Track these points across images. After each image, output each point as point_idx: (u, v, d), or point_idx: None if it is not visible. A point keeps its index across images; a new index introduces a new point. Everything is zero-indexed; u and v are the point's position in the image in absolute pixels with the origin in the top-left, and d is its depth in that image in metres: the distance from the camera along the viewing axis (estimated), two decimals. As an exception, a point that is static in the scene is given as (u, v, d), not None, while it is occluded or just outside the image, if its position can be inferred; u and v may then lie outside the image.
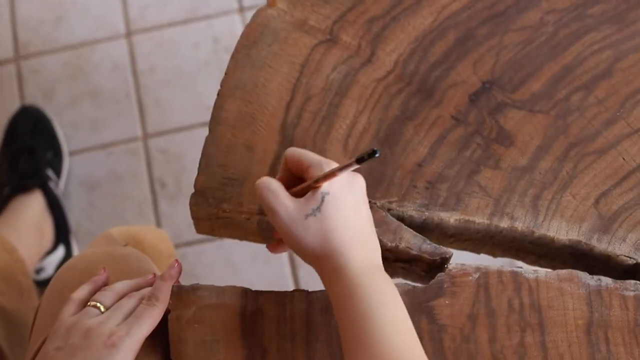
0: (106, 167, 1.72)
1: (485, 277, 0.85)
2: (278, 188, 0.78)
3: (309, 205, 0.76)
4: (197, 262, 1.62)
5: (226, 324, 0.84)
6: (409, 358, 0.72)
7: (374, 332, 0.72)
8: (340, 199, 0.76)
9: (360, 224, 0.78)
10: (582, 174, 0.91)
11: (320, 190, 0.76)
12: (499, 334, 0.83)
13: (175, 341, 0.84)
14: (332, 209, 0.75)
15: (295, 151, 0.80)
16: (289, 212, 0.76)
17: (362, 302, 0.73)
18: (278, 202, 0.77)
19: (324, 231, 0.75)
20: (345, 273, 0.75)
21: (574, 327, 0.84)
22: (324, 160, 0.78)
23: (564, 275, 0.86)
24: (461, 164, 0.91)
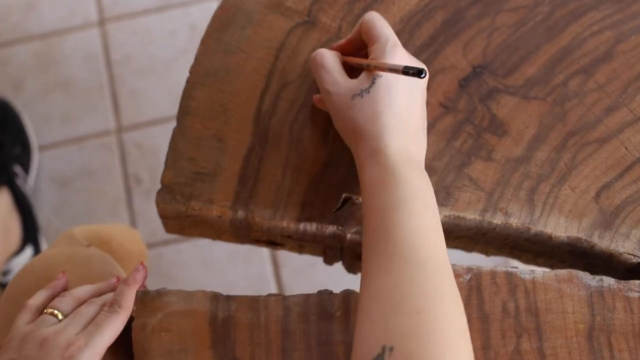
0: (78, 162, 1.66)
1: (478, 279, 0.79)
2: (332, 62, 0.78)
3: (360, 85, 0.75)
4: (174, 261, 1.55)
5: (195, 332, 0.78)
6: (429, 257, 0.68)
7: (398, 222, 0.69)
8: (393, 85, 0.74)
9: (410, 115, 0.75)
10: (581, 165, 0.84)
11: (373, 73, 0.74)
12: (493, 340, 0.77)
13: (139, 351, 0.78)
14: (382, 93, 0.74)
15: (373, 18, 0.79)
16: (338, 89, 0.76)
17: (391, 189, 0.70)
18: (329, 78, 0.77)
19: (369, 113, 0.74)
20: (379, 158, 0.72)
21: (574, 332, 0.77)
22: (391, 41, 0.76)
23: (563, 275, 0.79)
24: (450, 155, 0.85)
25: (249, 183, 0.84)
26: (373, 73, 0.74)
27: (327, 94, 0.76)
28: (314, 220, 0.82)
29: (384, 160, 0.72)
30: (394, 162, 0.71)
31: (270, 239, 0.87)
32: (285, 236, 0.85)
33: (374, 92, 0.74)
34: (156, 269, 1.53)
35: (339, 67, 0.78)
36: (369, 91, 0.74)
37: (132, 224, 1.59)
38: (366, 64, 0.75)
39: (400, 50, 0.76)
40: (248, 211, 0.83)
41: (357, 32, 0.80)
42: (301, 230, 0.83)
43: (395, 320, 0.64)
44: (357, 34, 0.80)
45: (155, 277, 1.51)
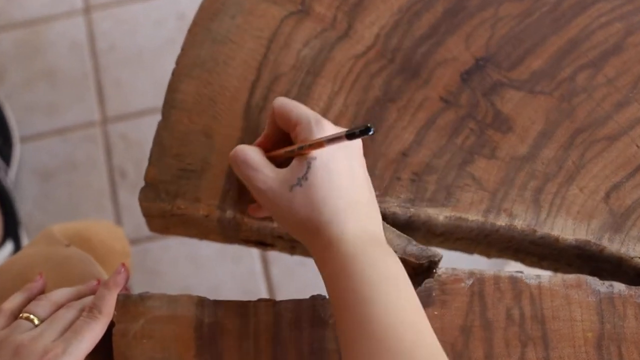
0: (62, 154, 1.61)
1: (480, 284, 0.74)
2: (256, 158, 0.70)
3: (294, 174, 0.68)
4: (160, 258, 1.51)
5: (179, 339, 0.73)
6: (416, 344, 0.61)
7: (374, 316, 0.61)
8: (331, 163, 0.67)
9: (356, 190, 0.68)
10: (590, 164, 0.80)
11: (307, 157, 0.67)
12: (497, 349, 0.73)
13: (120, 359, 0.73)
14: (321, 176, 0.67)
15: (283, 103, 0.71)
16: (271, 185, 0.69)
17: (359, 279, 0.63)
18: (257, 175, 0.69)
19: (313, 201, 0.67)
20: (338, 247, 0.65)
21: (582, 341, 0.73)
22: (313, 118, 0.69)
23: (570, 280, 0.75)
24: (452, 152, 0.80)
25: (238, 181, 0.79)
26: (306, 157, 0.67)
27: (261, 193, 0.69)
28: (307, 221, 0.77)
29: (345, 248, 0.65)
30: (355, 247, 0.65)
31: (260, 239, 0.82)
32: (276, 236, 0.81)
33: (313, 176, 0.67)
34: (142, 265, 1.49)
35: (265, 161, 0.70)
36: (307, 177, 0.67)
37: (117, 218, 1.55)
38: (298, 148, 0.68)
39: (327, 124, 0.69)
40: (237, 210, 0.78)
41: (272, 124, 0.73)
42: (293, 231, 0.78)
43: None
44: (273, 126, 0.73)
45: (141, 274, 1.47)
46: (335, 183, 0.67)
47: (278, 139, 0.73)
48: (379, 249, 0.66)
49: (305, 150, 0.67)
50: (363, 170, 0.70)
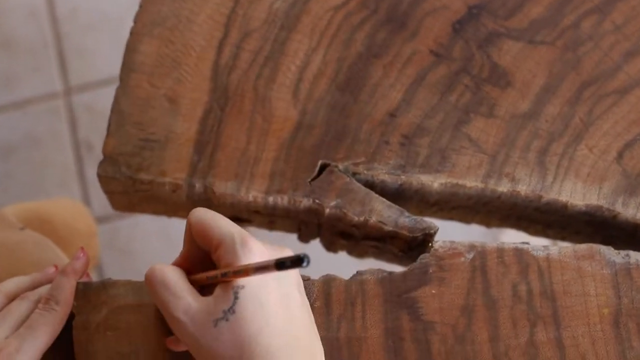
0: (22, 129, 1.55)
1: (482, 258, 0.67)
2: (177, 281, 0.58)
3: (219, 305, 0.56)
4: (132, 236, 1.44)
5: (148, 330, 0.66)
6: None
7: None
8: (262, 292, 0.57)
9: (294, 323, 0.58)
10: (599, 121, 0.73)
11: (232, 285, 0.56)
12: (503, 330, 0.66)
13: (82, 354, 0.66)
14: (251, 308, 0.56)
15: (201, 218, 0.60)
16: (193, 315, 0.57)
17: None
18: (178, 303, 0.58)
19: (242, 339, 0.56)
20: None
21: (597, 318, 0.66)
22: (238, 238, 0.57)
23: (582, 251, 0.68)
24: (445, 112, 0.73)
25: (207, 150, 0.71)
26: (231, 285, 0.57)
27: (180, 324, 0.57)
28: (286, 193, 0.70)
29: None
30: None
31: (234, 215, 0.75)
32: (253, 211, 0.73)
33: (241, 309, 0.56)
34: (112, 245, 1.42)
35: (187, 286, 0.59)
36: (234, 310, 0.56)
37: (84, 195, 1.49)
38: (221, 274, 0.57)
39: (254, 244, 0.58)
40: (207, 184, 0.71)
41: (190, 242, 0.62)
42: (271, 205, 0.71)
43: None
44: (191, 244, 0.62)
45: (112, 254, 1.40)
46: (268, 317, 0.56)
47: (198, 259, 0.62)
48: None
49: (230, 277, 0.56)
50: (300, 295, 0.60)
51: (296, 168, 0.71)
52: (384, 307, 0.65)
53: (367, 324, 0.65)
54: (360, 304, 0.66)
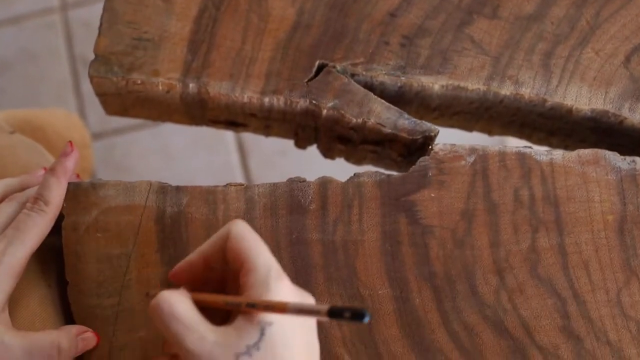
0: (18, 44, 1.51)
1: (484, 161, 0.65)
2: (187, 311, 0.53)
3: (243, 339, 0.51)
4: (128, 152, 1.41)
5: (139, 232, 0.64)
6: None
7: None
8: (289, 334, 0.52)
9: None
10: (607, 24, 0.70)
11: (259, 318, 0.51)
12: (504, 235, 0.63)
13: (71, 257, 0.64)
14: (277, 349, 0.51)
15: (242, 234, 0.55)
16: (210, 349, 0.51)
17: None
18: (191, 335, 0.52)
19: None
20: None
21: (602, 224, 0.64)
22: (275, 270, 0.53)
23: (587, 156, 0.65)
24: (447, 12, 0.70)
25: (202, 50, 0.68)
26: (258, 319, 0.51)
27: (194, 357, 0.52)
28: (282, 94, 0.67)
29: None
30: None
31: (229, 118, 0.72)
32: (248, 114, 0.70)
33: (267, 347, 0.51)
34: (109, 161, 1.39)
35: (198, 315, 0.53)
36: (259, 347, 0.51)
37: (80, 111, 1.46)
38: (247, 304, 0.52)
39: (288, 283, 0.53)
40: (201, 84, 0.68)
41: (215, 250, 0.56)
42: (267, 107, 0.68)
43: None
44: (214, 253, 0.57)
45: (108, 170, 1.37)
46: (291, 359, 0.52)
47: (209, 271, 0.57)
48: None
49: (259, 310, 0.51)
50: (317, 343, 0.56)
51: (293, 68, 0.68)
52: (381, 210, 0.63)
53: (363, 227, 0.63)
54: (357, 206, 0.64)
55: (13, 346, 0.57)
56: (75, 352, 0.60)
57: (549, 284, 0.63)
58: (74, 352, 0.59)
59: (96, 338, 0.61)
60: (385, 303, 0.62)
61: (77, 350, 0.60)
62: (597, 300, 0.63)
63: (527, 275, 0.63)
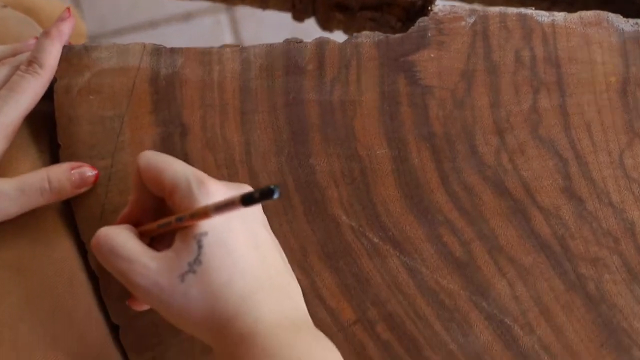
0: None
1: (484, 22, 0.63)
2: (127, 245, 0.52)
3: (182, 258, 0.50)
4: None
5: (132, 93, 0.62)
6: None
7: None
8: (228, 237, 0.51)
9: (265, 266, 0.52)
10: None
11: (193, 233, 0.50)
12: (504, 96, 0.62)
13: (63, 119, 0.62)
14: (218, 256, 0.50)
15: (151, 161, 0.54)
16: (155, 278, 0.50)
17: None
18: (133, 268, 0.51)
19: (213, 290, 0.50)
20: (254, 341, 0.50)
21: (604, 86, 0.63)
22: (194, 178, 0.52)
23: (589, 18, 0.63)
24: None
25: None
26: (192, 233, 0.50)
27: (141, 290, 0.51)
28: (279, -45, 0.66)
29: (262, 342, 0.50)
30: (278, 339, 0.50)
31: (224, -10, 0.70)
32: (244, -18, 0.69)
33: (208, 258, 0.50)
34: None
35: (139, 246, 0.52)
36: (200, 260, 0.50)
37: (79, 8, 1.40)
38: (176, 219, 0.51)
39: (213, 184, 0.52)
40: (195, -54, 0.66)
41: (139, 187, 0.55)
42: (263, -30, 0.66)
43: None
44: (140, 190, 0.55)
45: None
46: (237, 261, 0.51)
47: (151, 208, 0.56)
48: (306, 337, 0.51)
49: (187, 222, 0.50)
50: (268, 233, 0.54)
51: None
52: (379, 70, 0.62)
53: (362, 87, 0.62)
54: (355, 67, 0.62)
55: (5, 188, 0.57)
56: (71, 187, 0.59)
57: (550, 145, 0.62)
58: (69, 187, 0.59)
59: (95, 172, 0.60)
60: (383, 163, 0.61)
61: (74, 185, 0.59)
62: (599, 162, 0.62)
63: (528, 136, 0.62)
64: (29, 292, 0.59)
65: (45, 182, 0.58)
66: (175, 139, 0.61)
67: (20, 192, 0.58)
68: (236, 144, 0.61)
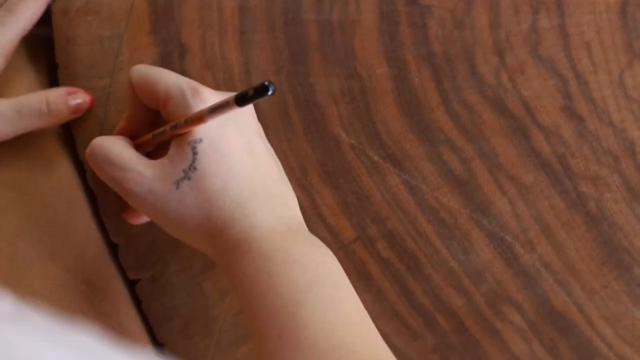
0: None
1: (484, -56, 0.62)
2: (122, 153, 0.52)
3: (177, 165, 0.50)
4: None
5: (131, 13, 0.62)
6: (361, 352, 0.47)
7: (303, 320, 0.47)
8: (222, 143, 0.51)
9: (260, 173, 0.52)
10: None
11: (187, 140, 0.50)
12: (504, 16, 0.62)
13: (61, 40, 0.62)
14: (213, 162, 0.51)
15: (142, 74, 0.54)
16: (150, 186, 0.51)
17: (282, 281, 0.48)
18: (128, 176, 0.51)
19: (208, 196, 0.50)
20: (250, 245, 0.50)
21: (603, 7, 0.63)
22: (187, 86, 0.52)
23: (589, -61, 0.63)
24: None
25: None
26: (187, 140, 0.50)
27: (136, 198, 0.51)
28: None
29: (258, 246, 0.50)
30: (273, 243, 0.50)
31: None
32: None
33: (203, 164, 0.50)
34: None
35: (134, 155, 0.53)
36: (195, 167, 0.50)
37: None
38: (170, 127, 0.51)
39: (207, 92, 0.52)
40: None
41: (134, 102, 0.55)
42: None
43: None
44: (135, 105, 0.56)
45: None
46: (232, 167, 0.51)
47: (146, 122, 0.56)
48: (303, 242, 0.52)
49: (181, 128, 0.50)
50: (263, 141, 0.54)
51: None
52: (378, -7, 0.62)
53: (361, 7, 0.62)
54: (355, -14, 0.62)
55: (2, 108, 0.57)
56: (68, 111, 0.58)
57: (550, 65, 0.61)
58: (65, 110, 0.58)
59: (89, 97, 0.60)
60: (383, 82, 0.61)
61: (70, 110, 0.59)
62: (599, 82, 0.62)
63: (527, 56, 0.61)
64: (28, 211, 0.59)
65: (43, 104, 0.58)
66: (174, 58, 0.61)
67: (17, 113, 0.57)
68: (235, 64, 0.61)
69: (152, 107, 0.55)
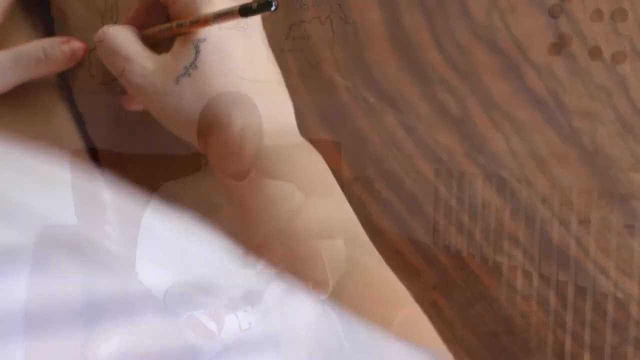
0: None
1: None
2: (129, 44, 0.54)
3: (179, 61, 0.52)
4: None
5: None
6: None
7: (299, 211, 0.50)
8: (225, 45, 0.52)
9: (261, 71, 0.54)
10: None
11: (192, 38, 0.51)
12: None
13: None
14: (215, 62, 0.52)
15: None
16: (151, 77, 0.53)
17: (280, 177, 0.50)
18: (133, 67, 0.53)
19: (206, 94, 0.52)
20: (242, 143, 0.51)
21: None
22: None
23: None
24: None
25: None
26: (191, 38, 0.52)
27: (138, 88, 0.53)
28: None
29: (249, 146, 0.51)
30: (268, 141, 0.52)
31: None
32: None
33: (204, 63, 0.52)
34: None
35: (140, 47, 0.54)
36: (196, 65, 0.51)
37: None
38: (177, 25, 0.52)
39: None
40: None
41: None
42: None
43: None
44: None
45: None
46: (232, 68, 0.52)
47: (154, 14, 0.57)
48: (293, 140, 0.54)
49: (187, 28, 0.51)
50: (266, 48, 0.55)
51: None
52: None
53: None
54: None
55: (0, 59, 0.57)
56: (64, 59, 0.59)
57: (541, 3, 0.62)
58: (62, 58, 0.59)
59: (82, 44, 0.61)
60: (375, 26, 0.62)
61: (67, 58, 0.59)
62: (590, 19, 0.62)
63: (518, -5, 0.62)
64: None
65: (40, 51, 0.58)
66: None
67: (15, 62, 0.58)
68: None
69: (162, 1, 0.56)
